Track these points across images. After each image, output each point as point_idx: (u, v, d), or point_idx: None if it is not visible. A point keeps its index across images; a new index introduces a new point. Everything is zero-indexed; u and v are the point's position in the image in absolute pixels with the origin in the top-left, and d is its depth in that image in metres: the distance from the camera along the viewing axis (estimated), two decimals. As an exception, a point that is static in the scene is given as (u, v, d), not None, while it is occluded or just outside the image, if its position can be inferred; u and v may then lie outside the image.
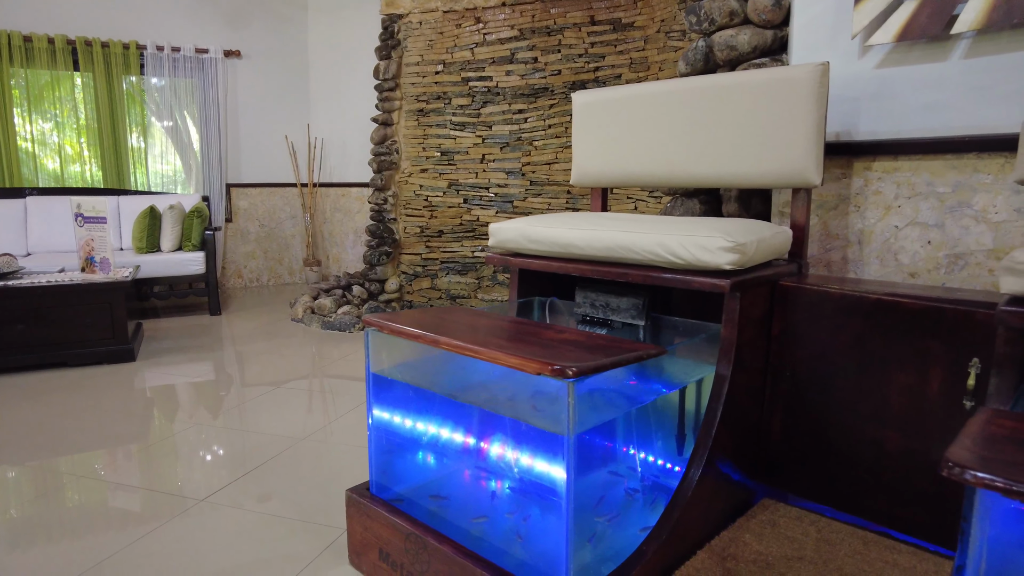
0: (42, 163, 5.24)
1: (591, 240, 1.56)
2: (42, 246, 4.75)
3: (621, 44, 4.74)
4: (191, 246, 4.59)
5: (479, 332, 1.35)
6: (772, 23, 2.07)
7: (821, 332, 1.54)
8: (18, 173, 5.01)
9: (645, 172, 1.95)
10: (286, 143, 5.91)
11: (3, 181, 4.96)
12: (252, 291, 5.77)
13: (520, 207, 5.10)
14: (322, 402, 2.85)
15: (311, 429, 2.52)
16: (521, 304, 1.88)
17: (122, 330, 3.48)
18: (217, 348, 3.81)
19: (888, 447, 1.48)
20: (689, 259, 1.42)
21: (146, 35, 5.29)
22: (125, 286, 3.44)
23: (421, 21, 5.18)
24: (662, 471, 1.56)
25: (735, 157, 1.76)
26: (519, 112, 5.03)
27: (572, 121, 2.15)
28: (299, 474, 2.13)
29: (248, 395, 2.93)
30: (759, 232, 1.51)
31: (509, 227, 1.78)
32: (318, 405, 2.81)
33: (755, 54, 2.11)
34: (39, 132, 5.20)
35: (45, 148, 5.27)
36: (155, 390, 3.04)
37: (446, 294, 5.38)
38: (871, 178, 1.79)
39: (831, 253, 1.90)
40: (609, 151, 2.03)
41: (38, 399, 2.88)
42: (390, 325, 1.39)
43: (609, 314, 1.68)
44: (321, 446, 2.36)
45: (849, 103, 1.82)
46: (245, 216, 5.83)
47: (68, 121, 5.28)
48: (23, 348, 3.30)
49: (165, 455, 2.29)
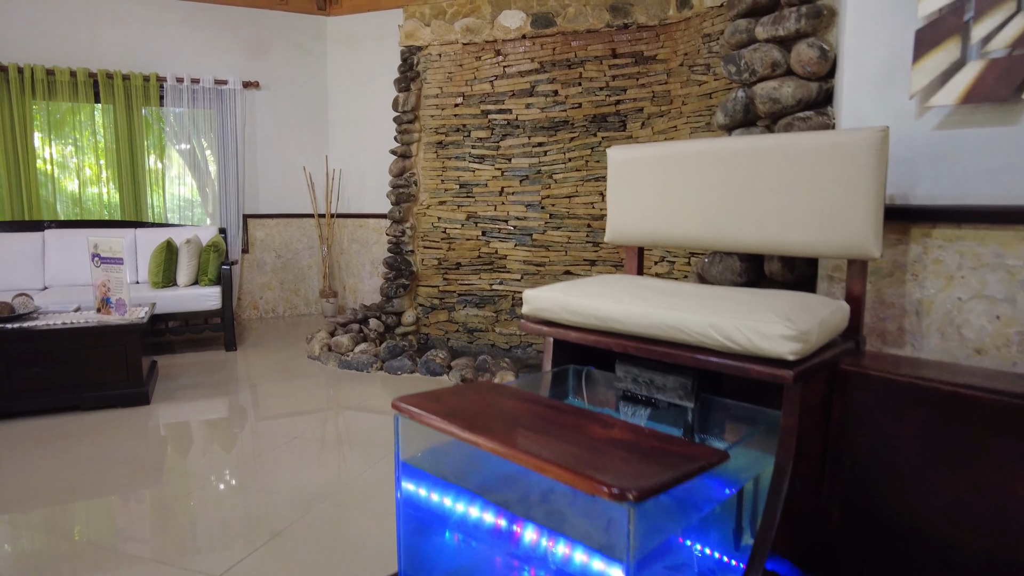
0: (62, 185, 5.24)
1: (635, 316, 1.46)
2: (59, 279, 4.73)
3: (643, 77, 4.68)
4: (207, 281, 4.54)
5: (520, 425, 1.25)
6: (817, 75, 1.98)
7: (885, 420, 1.42)
8: (37, 205, 5.01)
9: (684, 234, 1.86)
10: (304, 174, 5.89)
11: (23, 214, 4.96)
12: (268, 322, 5.71)
13: (539, 240, 5.02)
14: (340, 456, 2.75)
15: (330, 488, 2.41)
16: (556, 374, 1.78)
17: (137, 372, 3.41)
18: (232, 390, 3.73)
19: (962, 549, 1.36)
20: (746, 345, 1.31)
21: (166, 67, 5.31)
22: (141, 328, 3.38)
23: (441, 53, 5.16)
24: (719, 565, 1.44)
25: (784, 224, 1.66)
26: (539, 145, 4.97)
27: (608, 177, 2.06)
28: (319, 545, 2.02)
29: (265, 446, 2.84)
30: (818, 313, 1.40)
31: (546, 295, 1.68)
32: (337, 460, 2.71)
33: (799, 107, 2.01)
34: (59, 154, 5.21)
35: (65, 170, 5.27)
36: (169, 438, 2.96)
37: (463, 327, 5.29)
38: (931, 246, 1.68)
39: (886, 322, 1.78)
40: (646, 210, 1.94)
41: (48, 447, 2.81)
42: (423, 416, 1.29)
43: (654, 392, 1.57)
44: (341, 511, 2.25)
45: (905, 164, 1.72)
46: (262, 247, 5.80)
47: (87, 146, 5.29)
48: (36, 391, 3.23)
49: (178, 516, 2.19)
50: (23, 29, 4.93)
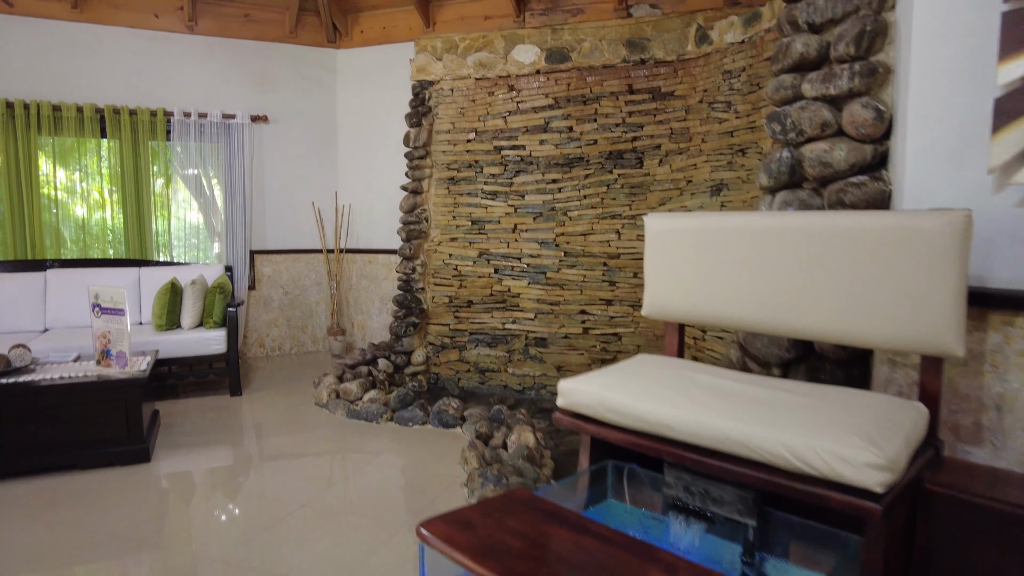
0: (67, 214, 5.13)
1: (689, 424, 1.30)
2: (61, 321, 4.59)
3: (661, 114, 4.55)
4: (212, 323, 4.40)
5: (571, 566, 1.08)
6: (871, 137, 1.83)
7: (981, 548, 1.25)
8: (41, 243, 4.89)
9: (732, 315, 1.69)
10: (312, 209, 5.77)
11: (25, 252, 4.84)
12: (274, 360, 5.56)
13: (554, 278, 4.87)
14: (353, 529, 2.57)
15: (343, 571, 2.23)
16: (594, 473, 1.61)
17: (137, 428, 3.25)
18: (237, 442, 3.56)
19: None
20: (824, 471, 1.15)
21: (174, 102, 5.22)
22: (142, 383, 3.22)
23: (453, 88, 5.05)
24: None
25: (848, 312, 1.50)
26: (553, 182, 4.84)
27: (645, 246, 1.91)
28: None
29: (273, 515, 2.67)
30: (901, 426, 1.23)
31: (583, 390, 1.52)
32: (349, 534, 2.53)
33: (852, 171, 1.86)
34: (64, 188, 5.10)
35: (71, 198, 5.16)
36: (170, 503, 2.79)
37: (475, 367, 5.12)
38: (1014, 335, 1.51)
39: (959, 416, 1.61)
40: (689, 285, 1.78)
41: (41, 514, 2.64)
42: (454, 554, 1.12)
43: (709, 504, 1.40)
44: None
45: (982, 243, 1.56)
46: (269, 283, 5.66)
47: (92, 182, 5.19)
48: (32, 450, 3.07)
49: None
50: (30, 65, 4.85)
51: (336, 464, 3.27)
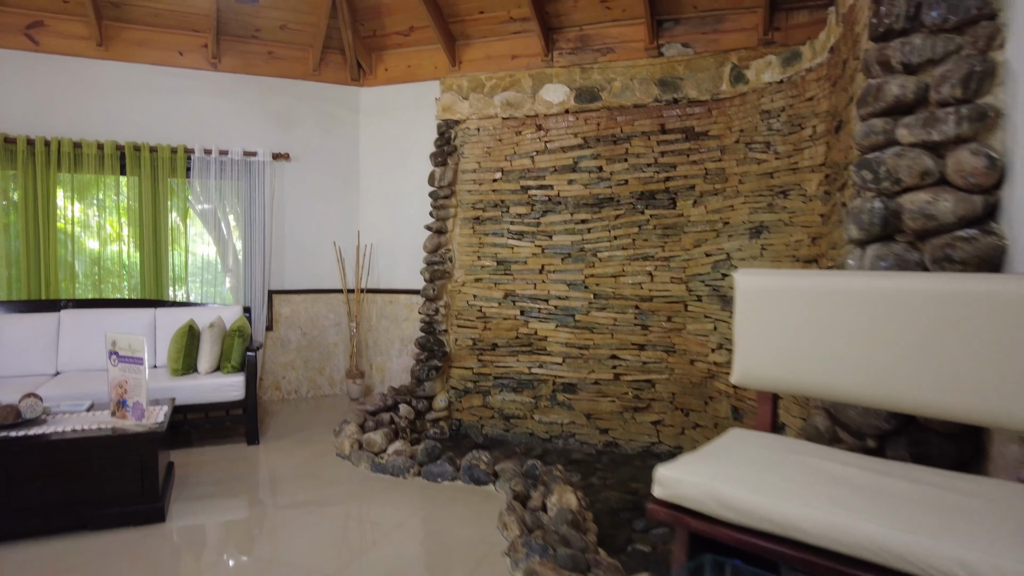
0: (81, 248, 5.00)
1: (830, 529, 1.11)
2: (73, 363, 4.42)
3: (695, 153, 4.43)
4: (230, 368, 4.21)
5: None
6: (982, 187, 1.67)
7: None
8: (55, 280, 4.76)
9: (840, 387, 1.51)
10: (334, 248, 5.64)
11: (39, 291, 4.70)
12: (290, 404, 5.35)
13: (583, 321, 4.68)
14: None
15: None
16: (692, 570, 1.40)
17: (152, 486, 3.04)
18: (256, 500, 3.34)
19: None
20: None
21: (194, 139, 5.15)
22: (159, 436, 3.03)
23: (479, 127, 4.96)
24: None
25: (981, 388, 1.31)
26: (582, 222, 4.70)
27: (735, 306, 1.74)
28: None
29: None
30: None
31: (690, 481, 1.32)
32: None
33: (959, 225, 1.70)
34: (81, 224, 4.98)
35: (87, 232, 5.04)
36: (185, 570, 2.57)
37: (499, 413, 4.90)
38: None
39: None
40: (786, 352, 1.60)
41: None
42: None
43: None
44: None
45: None
46: (287, 324, 5.49)
47: (111, 218, 5.08)
48: (39, 509, 2.87)
49: None
50: (53, 102, 4.80)
51: (365, 527, 3.04)
